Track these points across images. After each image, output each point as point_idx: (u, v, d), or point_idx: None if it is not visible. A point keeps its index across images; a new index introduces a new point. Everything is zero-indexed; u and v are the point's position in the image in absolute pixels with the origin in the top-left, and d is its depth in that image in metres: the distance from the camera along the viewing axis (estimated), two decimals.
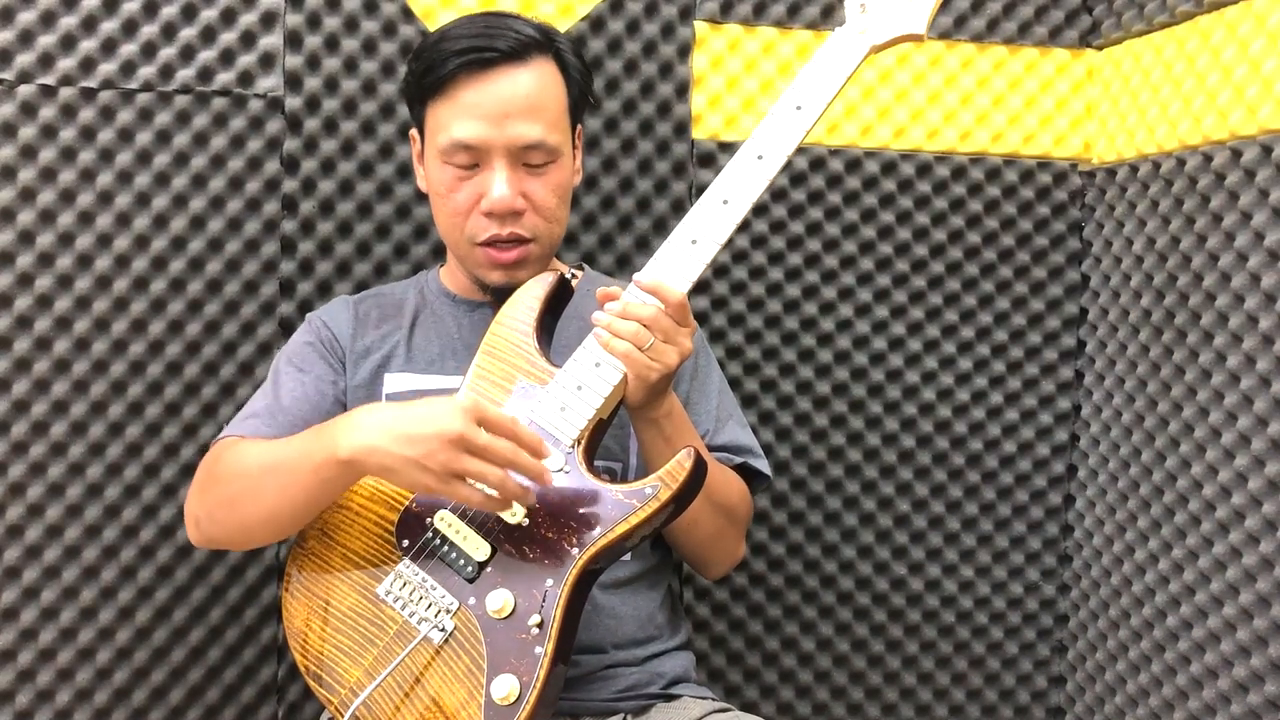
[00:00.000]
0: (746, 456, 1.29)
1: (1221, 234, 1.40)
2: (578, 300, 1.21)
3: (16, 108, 1.42)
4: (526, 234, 1.18)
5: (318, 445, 1.05)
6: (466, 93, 1.15)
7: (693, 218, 1.09)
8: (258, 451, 1.12)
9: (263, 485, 1.09)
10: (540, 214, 1.19)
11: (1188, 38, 1.47)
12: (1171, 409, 1.48)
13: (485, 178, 1.17)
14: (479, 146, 1.15)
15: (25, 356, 1.43)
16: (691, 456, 1.03)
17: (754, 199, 1.08)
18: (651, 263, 1.09)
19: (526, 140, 1.16)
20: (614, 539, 1.03)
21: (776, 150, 1.09)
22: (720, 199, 1.09)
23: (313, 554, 1.14)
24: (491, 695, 1.00)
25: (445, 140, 1.16)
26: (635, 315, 1.07)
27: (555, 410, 1.08)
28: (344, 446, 1.02)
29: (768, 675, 1.63)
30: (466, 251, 1.21)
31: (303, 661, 1.12)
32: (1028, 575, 1.68)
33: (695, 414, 1.26)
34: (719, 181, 1.09)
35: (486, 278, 1.21)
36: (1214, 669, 1.40)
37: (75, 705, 1.46)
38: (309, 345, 1.25)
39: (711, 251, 1.08)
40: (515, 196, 1.16)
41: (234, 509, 1.12)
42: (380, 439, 1.00)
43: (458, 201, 1.18)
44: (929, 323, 1.64)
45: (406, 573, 1.08)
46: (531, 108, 1.16)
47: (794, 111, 1.10)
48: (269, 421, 1.19)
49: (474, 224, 1.18)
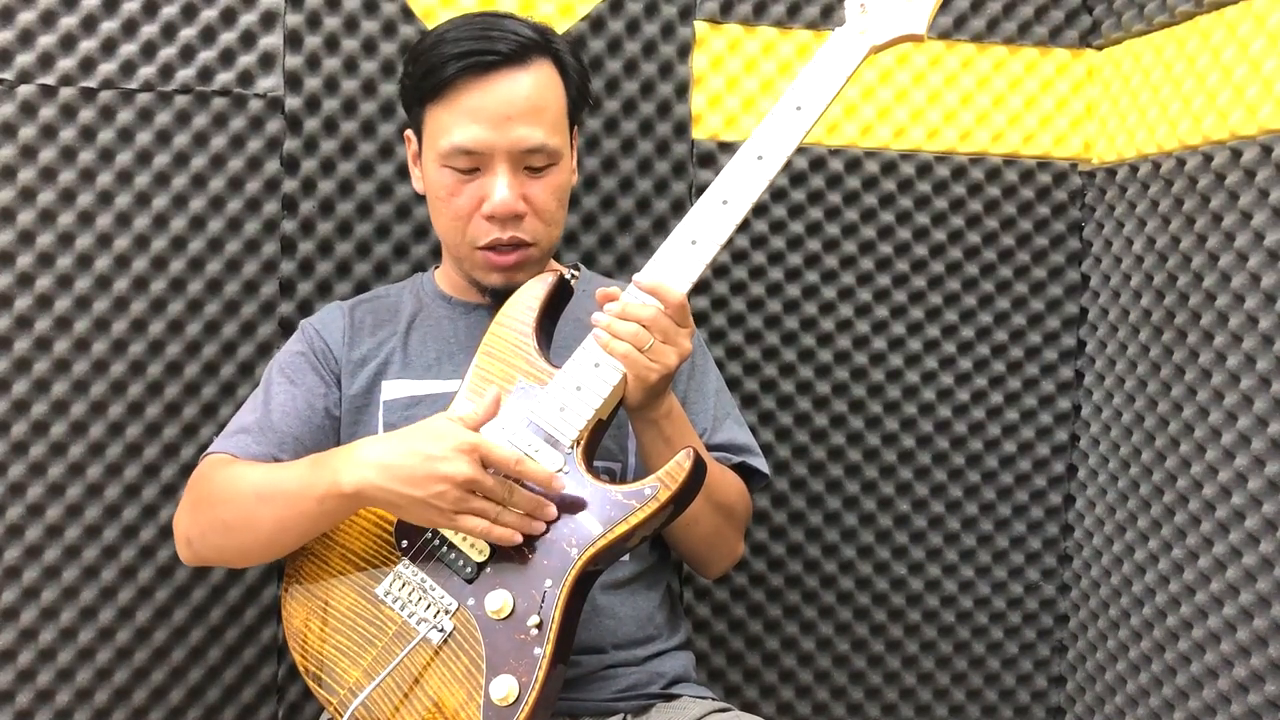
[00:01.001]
0: (745, 455, 1.29)
1: (1221, 234, 1.40)
2: (576, 301, 1.21)
3: (16, 108, 1.42)
4: (527, 238, 1.18)
5: (319, 478, 1.06)
6: (467, 97, 1.14)
7: (692, 218, 1.09)
8: (254, 479, 1.12)
9: (260, 514, 1.10)
10: (540, 217, 1.19)
11: (1188, 38, 1.47)
12: (1171, 409, 1.48)
13: (486, 181, 1.16)
14: (480, 151, 1.15)
15: (25, 356, 1.43)
16: (690, 457, 1.03)
17: (754, 199, 1.08)
18: (651, 263, 1.09)
19: (528, 144, 1.15)
20: (613, 540, 1.02)
21: (776, 150, 1.09)
22: (720, 199, 1.09)
23: (312, 554, 1.14)
24: (490, 696, 1.00)
25: (446, 144, 1.16)
26: (635, 316, 1.07)
27: (555, 411, 1.08)
28: (347, 482, 1.04)
29: (768, 675, 1.63)
30: (466, 254, 1.21)
31: (302, 662, 1.12)
32: (1028, 575, 1.68)
33: (693, 413, 1.26)
34: (719, 182, 1.09)
35: (485, 280, 1.21)
36: (1214, 669, 1.40)
37: (75, 705, 1.46)
38: (301, 355, 1.25)
39: (711, 252, 1.08)
40: (517, 200, 1.16)
41: (230, 534, 1.13)
42: (384, 478, 1.02)
43: (458, 206, 1.18)
44: (929, 323, 1.64)
45: (406, 573, 1.08)
46: (533, 110, 1.15)
47: (794, 112, 1.10)
48: (259, 439, 1.18)
49: (475, 228, 1.18)
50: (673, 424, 1.14)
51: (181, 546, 1.19)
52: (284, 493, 1.09)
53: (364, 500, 1.05)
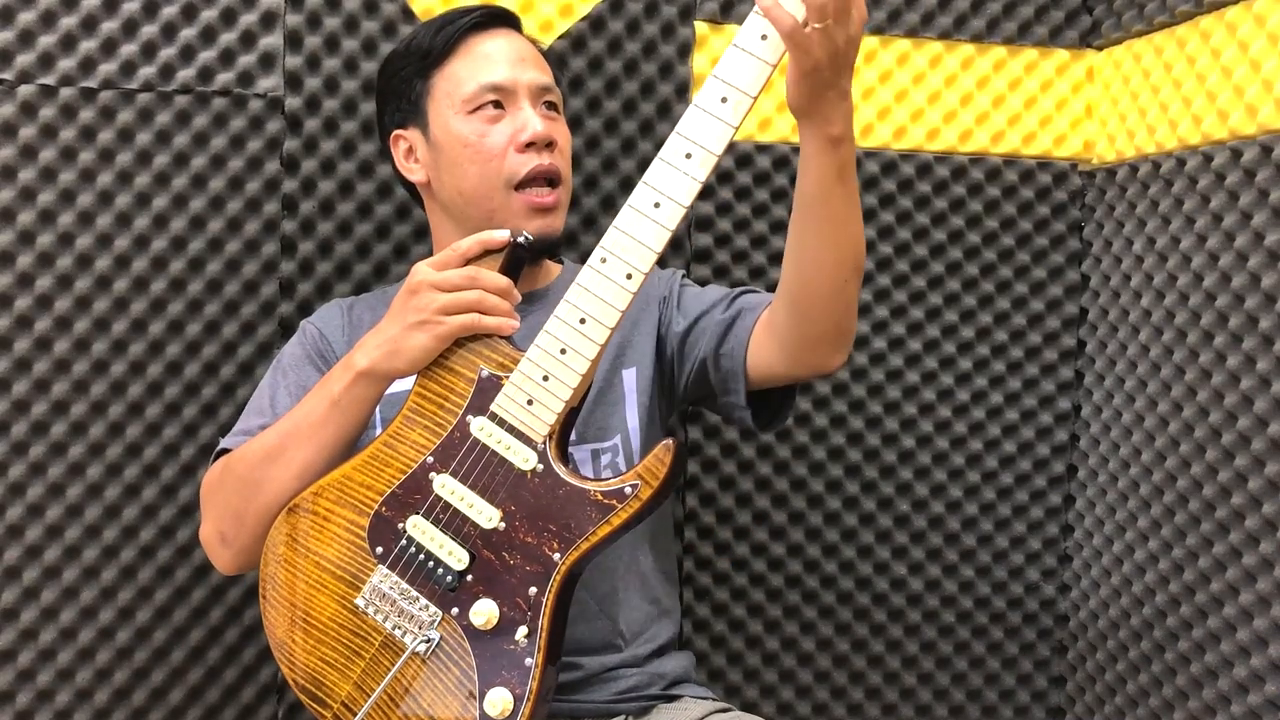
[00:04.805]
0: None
1: (1221, 234, 1.40)
2: (559, 293, 1.16)
3: (16, 108, 1.41)
4: (561, 170, 1.22)
5: (329, 384, 1.10)
6: (479, 44, 1.23)
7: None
8: (264, 435, 1.13)
9: (286, 449, 1.10)
10: (564, 155, 1.24)
11: (1188, 38, 1.47)
12: (1171, 409, 1.48)
13: (515, 117, 1.21)
14: (507, 86, 1.21)
15: (25, 356, 1.43)
16: (670, 450, 0.99)
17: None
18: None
19: (543, 82, 1.23)
20: (595, 543, 1.00)
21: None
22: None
23: (285, 562, 1.10)
24: (486, 711, 0.99)
25: (472, 87, 1.21)
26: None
27: (522, 405, 1.03)
28: (358, 361, 1.08)
29: (768, 675, 1.63)
30: (501, 203, 1.20)
31: (290, 675, 1.08)
32: (1028, 575, 1.68)
33: (704, 296, 1.24)
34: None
35: (526, 228, 1.17)
36: (1214, 669, 1.40)
37: (75, 705, 1.46)
38: (304, 355, 1.25)
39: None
40: (549, 129, 1.21)
41: (260, 488, 1.10)
42: (375, 335, 1.08)
43: (491, 145, 1.20)
44: (929, 323, 1.64)
45: (384, 584, 1.05)
46: (536, 59, 1.25)
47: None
48: None
49: (511, 163, 1.20)
50: (850, 152, 1.00)
51: (216, 548, 1.16)
52: (302, 418, 1.10)
53: (374, 371, 1.07)
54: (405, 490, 1.06)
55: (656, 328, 1.26)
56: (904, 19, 1.60)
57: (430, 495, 1.04)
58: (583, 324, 1.01)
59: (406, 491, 1.06)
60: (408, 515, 1.05)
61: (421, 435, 1.06)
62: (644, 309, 1.27)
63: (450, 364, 1.07)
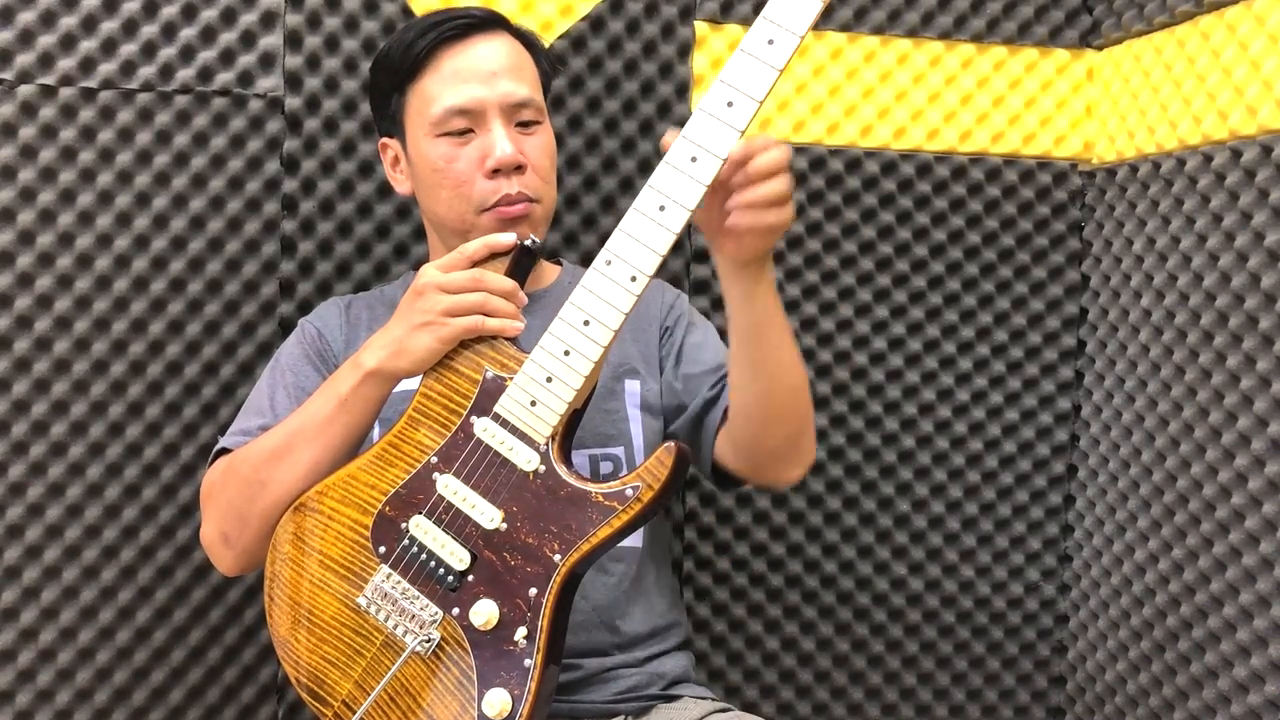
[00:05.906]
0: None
1: (1221, 234, 1.40)
2: (558, 295, 1.18)
3: (16, 108, 1.41)
4: (530, 194, 1.18)
5: (337, 384, 1.10)
6: (449, 60, 1.18)
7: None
8: (268, 435, 1.13)
9: (294, 448, 1.10)
10: (538, 173, 1.20)
11: (1188, 38, 1.47)
12: (1171, 409, 1.48)
13: (484, 140, 1.17)
14: (474, 109, 1.17)
15: (25, 356, 1.43)
16: (673, 453, 0.99)
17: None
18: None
19: (517, 98, 1.18)
20: (596, 544, 1.00)
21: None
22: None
23: (290, 560, 1.10)
24: (484, 710, 0.99)
25: (438, 110, 1.17)
26: (770, 166, 0.99)
27: (525, 407, 1.03)
28: (366, 361, 1.08)
29: (768, 675, 1.63)
30: (472, 224, 1.19)
31: (293, 673, 1.09)
32: (1028, 575, 1.68)
33: (701, 357, 1.26)
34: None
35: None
36: (1214, 669, 1.40)
37: (75, 705, 1.46)
38: (303, 355, 1.25)
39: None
40: (518, 151, 1.17)
41: (265, 488, 1.10)
42: (382, 335, 1.08)
43: (458, 172, 1.18)
44: (929, 323, 1.64)
45: (386, 584, 1.05)
46: (514, 67, 1.19)
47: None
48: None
49: (480, 190, 1.17)
50: (771, 300, 1.07)
51: (219, 549, 1.16)
52: (309, 417, 1.10)
53: (381, 371, 1.07)
54: (409, 490, 1.06)
55: (657, 350, 1.28)
56: (904, 19, 1.60)
57: (433, 495, 1.04)
58: (586, 326, 1.01)
59: (410, 491, 1.06)
60: (410, 515, 1.05)
61: (426, 435, 1.06)
62: (644, 328, 1.28)
63: (455, 365, 1.07)
